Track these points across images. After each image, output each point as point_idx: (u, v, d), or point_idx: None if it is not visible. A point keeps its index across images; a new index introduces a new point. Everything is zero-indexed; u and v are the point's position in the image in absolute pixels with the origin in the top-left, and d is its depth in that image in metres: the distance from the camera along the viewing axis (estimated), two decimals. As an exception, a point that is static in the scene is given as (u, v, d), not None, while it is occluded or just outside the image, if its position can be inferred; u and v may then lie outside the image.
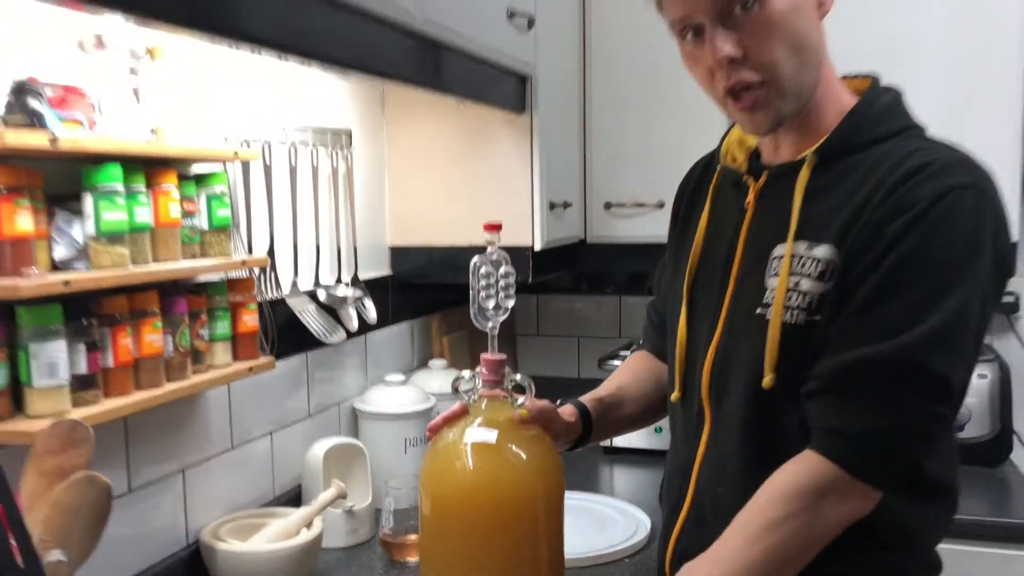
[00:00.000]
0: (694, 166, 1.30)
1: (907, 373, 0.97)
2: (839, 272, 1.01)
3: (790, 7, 1.02)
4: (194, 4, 0.93)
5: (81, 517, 1.00)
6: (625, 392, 1.36)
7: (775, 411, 1.06)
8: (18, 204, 1.05)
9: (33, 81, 1.08)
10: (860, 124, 1.08)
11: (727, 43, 1.01)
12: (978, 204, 0.99)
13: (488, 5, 1.63)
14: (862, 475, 0.99)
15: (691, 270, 1.18)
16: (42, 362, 1.06)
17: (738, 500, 1.07)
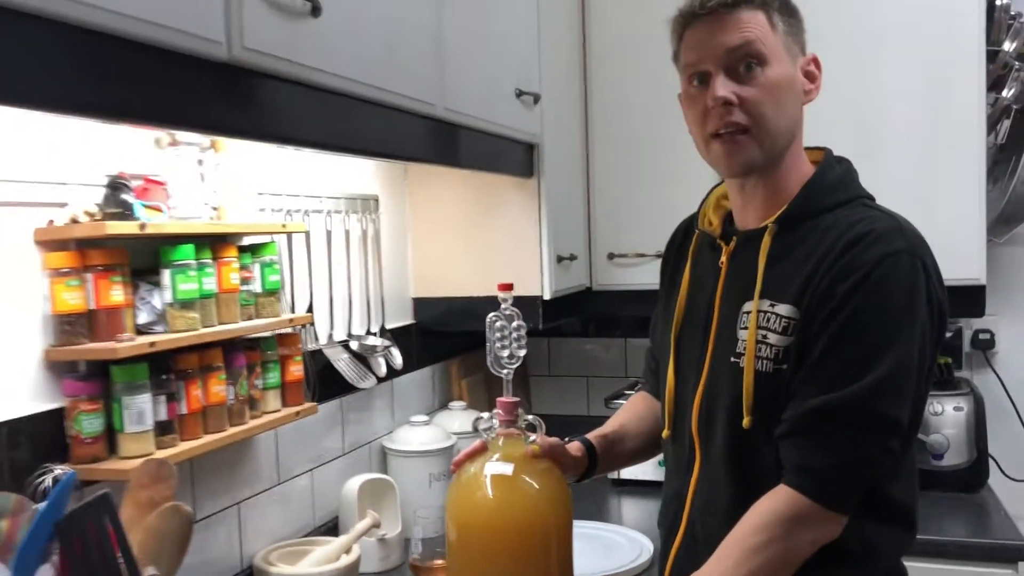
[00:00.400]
0: (676, 230, 1.48)
1: (859, 416, 1.13)
2: (799, 328, 1.18)
3: (784, 79, 1.22)
4: (262, 120, 1.15)
5: (169, 540, 1.20)
6: (627, 429, 1.51)
7: (754, 447, 1.21)
8: (112, 280, 1.27)
9: (122, 176, 1.30)
10: (813, 195, 1.24)
11: (726, 89, 1.20)
12: (912, 265, 1.15)
13: (498, 88, 1.85)
14: (828, 504, 1.13)
15: (677, 323, 1.35)
16: (132, 411, 1.27)
17: (725, 527, 1.21)
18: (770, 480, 1.19)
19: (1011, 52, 2.29)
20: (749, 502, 1.20)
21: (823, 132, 2.28)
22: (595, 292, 2.51)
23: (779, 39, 1.22)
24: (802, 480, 1.14)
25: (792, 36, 1.26)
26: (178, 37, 0.97)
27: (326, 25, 1.20)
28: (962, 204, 2.20)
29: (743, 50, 1.19)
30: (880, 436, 1.14)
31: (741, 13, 1.20)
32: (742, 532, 1.16)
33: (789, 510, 1.14)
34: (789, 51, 1.24)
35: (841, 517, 1.15)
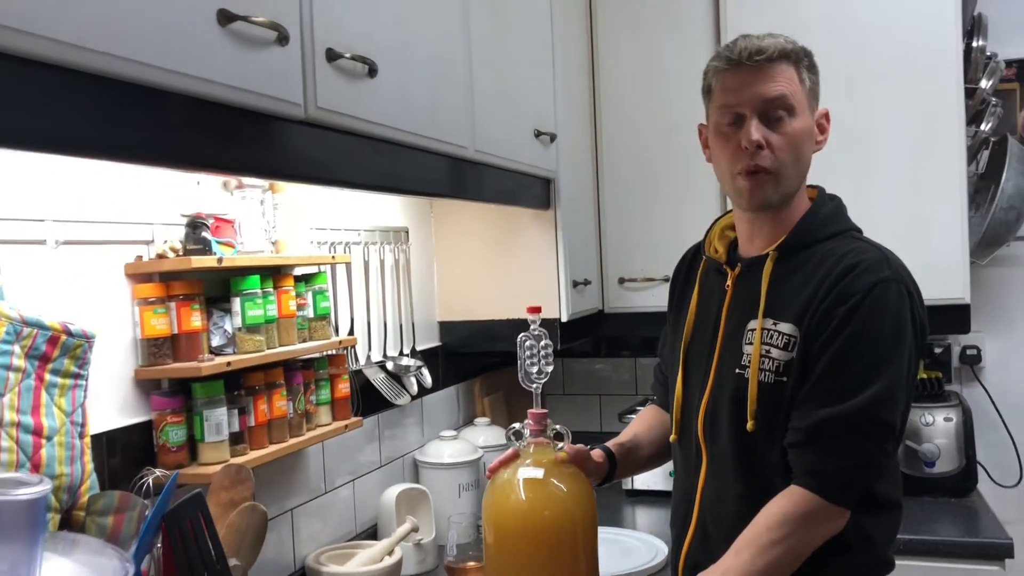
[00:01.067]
0: (683, 257, 1.64)
1: (863, 424, 1.29)
2: (799, 345, 1.34)
3: (805, 130, 1.39)
4: (330, 167, 1.33)
5: (248, 535, 1.36)
6: (640, 438, 1.67)
7: (758, 448, 1.38)
8: (192, 308, 1.44)
9: (200, 216, 1.48)
10: (809, 228, 1.42)
11: (759, 133, 1.36)
12: (899, 292, 1.32)
13: (519, 130, 2.03)
14: (837, 501, 1.29)
15: (686, 339, 1.51)
16: (211, 423, 1.44)
17: (736, 518, 1.38)
18: (772, 476, 1.35)
19: (987, 89, 2.48)
20: (756, 495, 1.36)
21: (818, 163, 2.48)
22: (607, 314, 2.69)
23: (804, 94, 1.39)
24: (814, 481, 1.29)
25: (814, 92, 1.42)
26: (264, 101, 1.15)
27: (380, 85, 1.38)
28: (946, 229, 2.37)
29: (779, 102, 1.36)
30: (879, 440, 1.30)
31: (778, 67, 1.37)
32: (758, 529, 1.31)
33: (802, 508, 1.29)
34: (811, 105, 1.41)
35: (846, 512, 1.31)
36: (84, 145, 0.92)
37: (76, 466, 1.20)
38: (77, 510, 1.21)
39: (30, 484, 0.95)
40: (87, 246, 1.36)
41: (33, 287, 1.26)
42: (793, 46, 1.39)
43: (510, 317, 2.38)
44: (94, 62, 0.89)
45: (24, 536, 0.94)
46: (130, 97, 0.95)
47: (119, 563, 1.05)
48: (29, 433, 1.14)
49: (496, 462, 1.52)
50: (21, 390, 1.14)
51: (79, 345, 1.22)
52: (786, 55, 1.37)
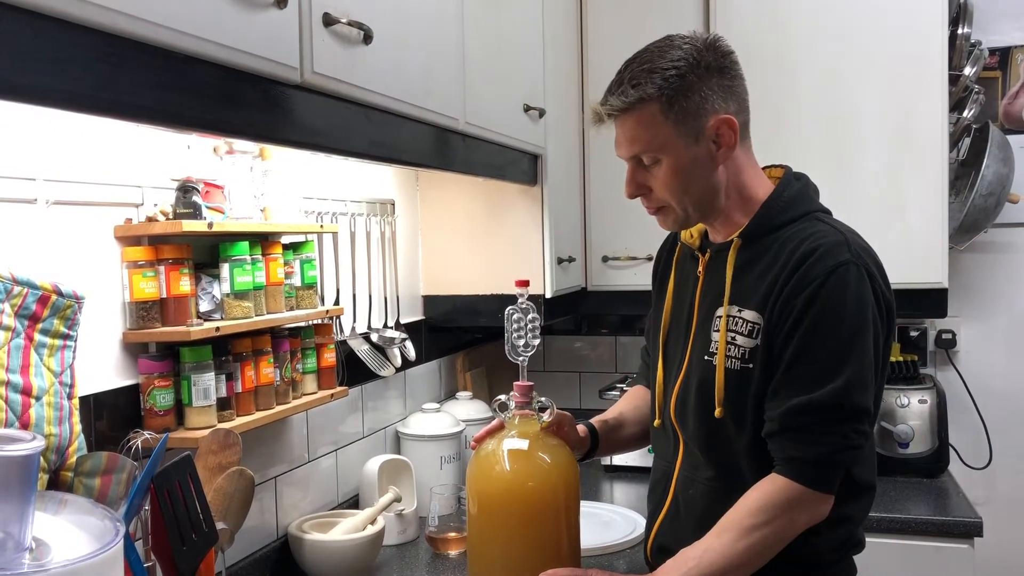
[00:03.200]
0: (665, 239, 1.64)
1: (836, 409, 1.29)
2: (763, 331, 1.34)
3: (682, 165, 1.35)
4: (323, 133, 1.32)
5: (235, 499, 1.37)
6: (625, 417, 1.69)
7: (726, 433, 1.39)
8: (181, 272, 1.44)
9: (189, 180, 1.47)
10: (771, 212, 1.40)
11: (630, 185, 1.41)
12: (859, 274, 1.31)
13: (509, 103, 2.03)
14: (819, 487, 1.30)
15: (665, 324, 1.53)
16: (199, 388, 1.44)
17: (705, 501, 1.41)
18: (740, 460, 1.38)
19: (971, 76, 2.51)
20: (725, 479, 1.39)
21: (801, 148, 2.52)
22: (590, 292, 2.71)
23: (671, 128, 1.34)
24: (795, 469, 1.30)
25: (691, 116, 1.33)
26: (262, 63, 1.14)
27: (375, 52, 1.38)
28: (926, 214, 2.41)
29: (635, 157, 1.39)
30: (854, 423, 1.31)
31: (631, 119, 1.36)
32: (739, 514, 1.32)
33: (784, 496, 1.30)
34: (686, 135, 1.34)
35: (830, 497, 1.32)
36: (78, 100, 0.91)
37: (65, 427, 1.20)
38: (65, 471, 1.20)
39: (23, 440, 0.95)
40: (77, 207, 1.35)
41: (23, 246, 1.24)
42: (644, 89, 1.33)
43: (494, 292, 2.39)
44: (95, 16, 0.88)
45: (17, 493, 0.93)
46: (128, 53, 0.94)
47: (110, 523, 1.05)
48: (18, 392, 1.14)
49: (483, 431, 1.54)
50: (11, 349, 1.14)
51: (69, 306, 1.21)
52: (635, 104, 1.34)
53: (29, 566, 0.93)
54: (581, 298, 2.68)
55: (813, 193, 1.46)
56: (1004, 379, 2.80)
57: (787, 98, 2.46)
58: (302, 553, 1.77)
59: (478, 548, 1.53)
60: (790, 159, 1.54)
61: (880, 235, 2.37)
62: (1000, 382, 2.80)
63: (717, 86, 1.35)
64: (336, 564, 1.76)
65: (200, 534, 1.24)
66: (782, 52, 2.48)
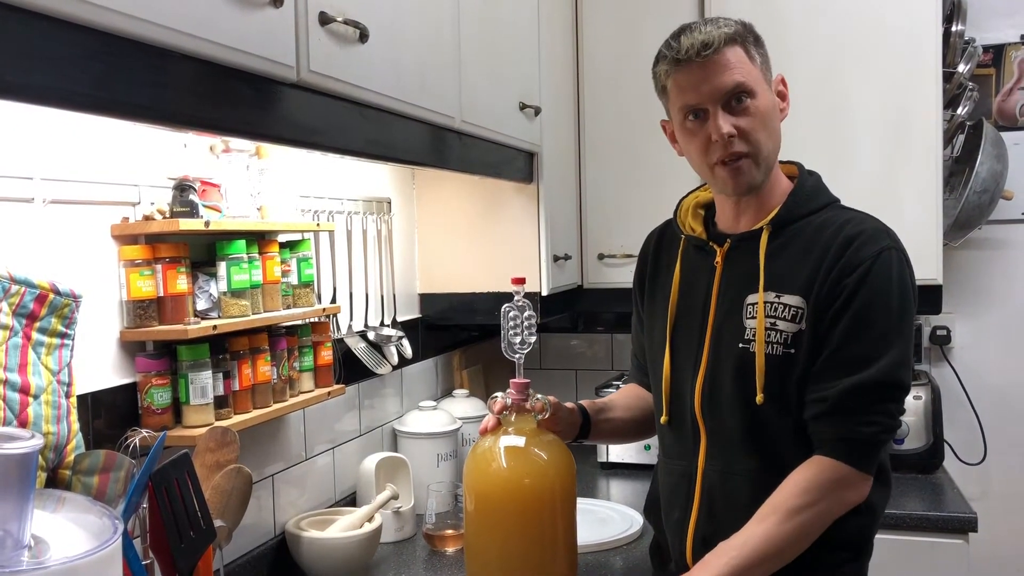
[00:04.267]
0: (647, 240, 1.64)
1: (885, 389, 1.31)
2: (807, 316, 1.35)
3: (769, 105, 1.40)
4: (320, 132, 1.33)
5: (233, 497, 1.37)
6: (615, 403, 1.68)
7: (766, 421, 1.37)
8: (178, 271, 1.44)
9: (186, 179, 1.47)
10: (799, 201, 1.43)
11: (727, 123, 1.36)
12: (900, 259, 1.36)
13: (505, 102, 2.04)
14: (863, 467, 1.32)
15: (671, 320, 1.50)
16: (197, 386, 1.44)
17: (747, 492, 1.38)
18: (785, 448, 1.37)
19: (965, 73, 2.52)
20: (769, 468, 1.37)
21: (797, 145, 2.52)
22: (586, 289, 2.71)
23: (758, 70, 1.39)
24: (844, 448, 1.32)
25: (766, 64, 1.42)
26: (258, 62, 1.14)
27: (371, 50, 1.38)
28: (921, 211, 2.41)
29: (737, 89, 1.36)
30: (898, 403, 1.34)
31: (726, 54, 1.36)
32: (783, 496, 1.32)
33: (830, 475, 1.31)
34: (766, 78, 1.42)
35: (870, 478, 1.34)
36: (74, 99, 0.91)
37: (63, 425, 1.20)
38: (63, 469, 1.21)
39: (21, 439, 0.95)
40: (75, 206, 1.35)
41: (21, 245, 1.25)
42: (735, 28, 1.38)
43: (490, 290, 2.40)
44: (91, 15, 0.89)
45: (15, 491, 0.93)
46: (124, 52, 0.95)
47: (108, 520, 1.05)
48: (16, 391, 1.14)
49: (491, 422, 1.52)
50: (8, 347, 1.14)
51: (67, 304, 1.21)
52: (732, 39, 1.36)
53: (28, 564, 0.93)
54: (577, 296, 2.68)
55: (826, 186, 1.50)
56: (998, 375, 2.81)
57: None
58: (299, 550, 1.77)
59: (475, 545, 1.53)
60: (784, 155, 1.54)
61: None
62: (994, 378, 2.81)
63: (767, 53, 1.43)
64: (333, 561, 1.76)
65: (198, 532, 1.25)
66: (776, 50, 2.43)
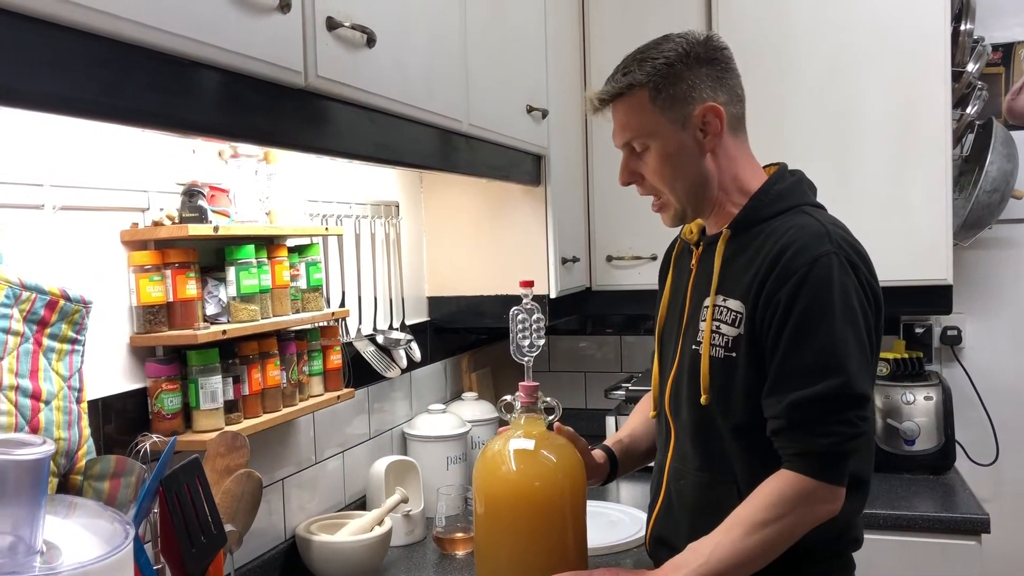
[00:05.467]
0: (672, 241, 1.65)
1: (837, 400, 1.29)
2: (745, 321, 1.35)
3: (671, 150, 1.40)
4: (328, 137, 1.33)
5: (243, 501, 1.37)
6: (638, 432, 1.69)
7: (712, 421, 1.40)
8: (187, 276, 1.44)
9: (195, 184, 1.47)
10: (760, 205, 1.41)
11: (623, 173, 1.46)
12: (840, 264, 1.31)
13: (512, 105, 2.04)
14: (832, 480, 1.29)
15: (661, 318, 1.56)
16: (207, 391, 1.44)
17: (695, 490, 1.42)
18: (728, 449, 1.38)
19: (974, 73, 2.50)
20: (713, 468, 1.40)
21: (803, 146, 2.51)
22: (594, 292, 2.71)
23: (660, 115, 1.38)
24: (804, 463, 1.30)
25: (678, 102, 1.38)
26: (266, 68, 1.15)
27: (378, 55, 1.38)
28: (930, 211, 2.41)
29: (627, 144, 1.43)
30: (857, 410, 1.31)
31: (619, 108, 1.42)
32: (750, 509, 1.31)
33: (796, 489, 1.30)
34: (675, 121, 1.39)
35: (842, 490, 1.31)
36: (82, 106, 0.92)
37: (74, 431, 1.21)
38: (74, 474, 1.21)
39: (33, 445, 0.95)
40: (84, 212, 1.36)
41: (31, 252, 1.25)
42: (634, 76, 1.38)
43: (499, 293, 2.40)
44: (100, 23, 0.89)
45: (27, 496, 0.94)
46: (132, 58, 0.95)
47: (119, 525, 1.05)
48: (28, 397, 1.14)
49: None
50: (20, 354, 1.14)
51: (77, 311, 1.22)
52: (629, 88, 1.39)
53: (40, 569, 0.93)
54: (585, 298, 2.68)
55: (807, 188, 1.47)
56: (1010, 375, 2.80)
57: (789, 96, 2.47)
58: (310, 554, 1.77)
59: (485, 548, 1.53)
60: (792, 157, 1.54)
61: (884, 232, 2.39)
62: (1006, 378, 2.79)
63: (706, 75, 1.39)
64: (344, 565, 1.77)
65: (209, 536, 1.25)
66: (784, 50, 2.48)
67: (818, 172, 1.52)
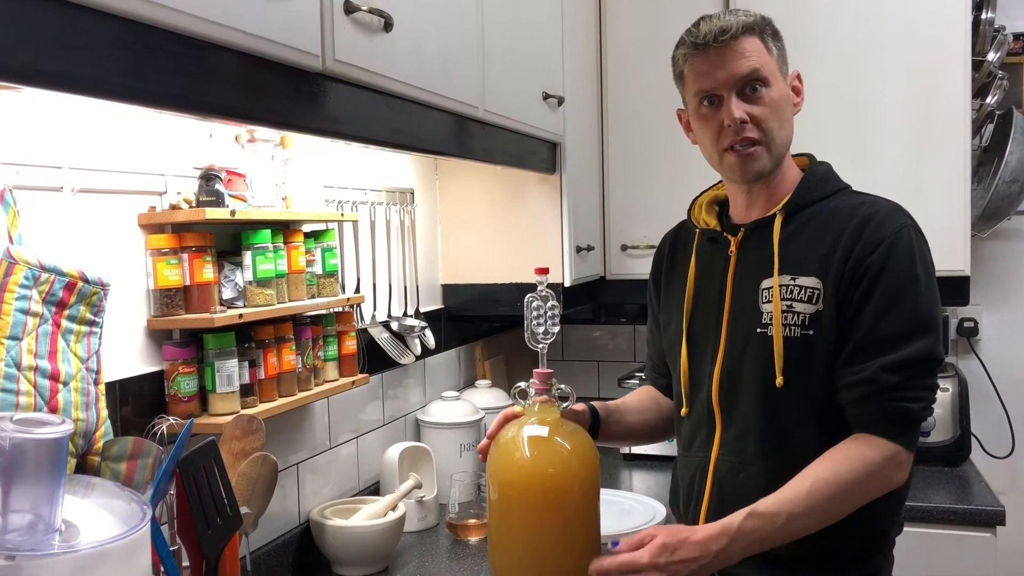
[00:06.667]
0: (662, 240, 1.64)
1: (925, 363, 1.30)
2: (824, 297, 1.35)
3: (783, 96, 1.41)
4: (345, 121, 1.33)
5: (259, 484, 1.38)
6: (627, 405, 1.67)
7: (783, 405, 1.37)
8: (204, 260, 1.45)
9: (212, 168, 1.48)
10: (810, 187, 1.43)
11: (740, 109, 1.38)
12: (918, 235, 1.37)
13: (528, 92, 2.03)
14: (910, 445, 1.31)
15: (687, 312, 1.51)
16: (223, 375, 1.45)
17: (758, 482, 1.37)
18: (798, 437, 1.36)
19: (994, 62, 2.48)
20: (781, 458, 1.36)
21: (822, 135, 2.50)
22: (608, 281, 2.70)
23: (774, 62, 1.41)
24: (893, 428, 1.30)
25: (782, 57, 1.43)
26: (284, 51, 1.15)
27: (395, 39, 1.38)
28: (949, 201, 2.39)
29: (752, 76, 1.38)
30: (936, 376, 1.33)
31: (743, 42, 1.38)
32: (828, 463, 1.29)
33: (883, 455, 1.29)
34: (782, 71, 1.43)
35: (912, 456, 1.33)
36: (106, 88, 0.92)
37: (91, 412, 1.21)
38: (92, 455, 1.22)
39: (52, 424, 0.96)
40: (102, 195, 1.36)
41: (50, 234, 1.26)
42: (755, 18, 1.40)
43: (513, 281, 2.40)
44: (123, 4, 0.89)
45: (47, 476, 0.95)
46: (153, 41, 0.95)
47: (137, 506, 1.06)
48: (46, 378, 1.15)
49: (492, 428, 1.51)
50: (38, 335, 1.15)
51: (95, 292, 1.22)
52: (750, 28, 1.38)
53: (59, 547, 0.94)
54: (600, 287, 2.68)
55: (837, 174, 1.49)
56: (1027, 367, 2.78)
57: (806, 84, 2.43)
58: (324, 538, 1.78)
59: (498, 535, 1.53)
60: (808, 145, 1.54)
61: None
62: (1023, 371, 2.77)
63: (785, 47, 1.45)
64: (357, 549, 1.77)
65: (225, 518, 1.26)
66: (801, 36, 2.45)
67: (835, 161, 1.51)
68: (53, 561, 0.92)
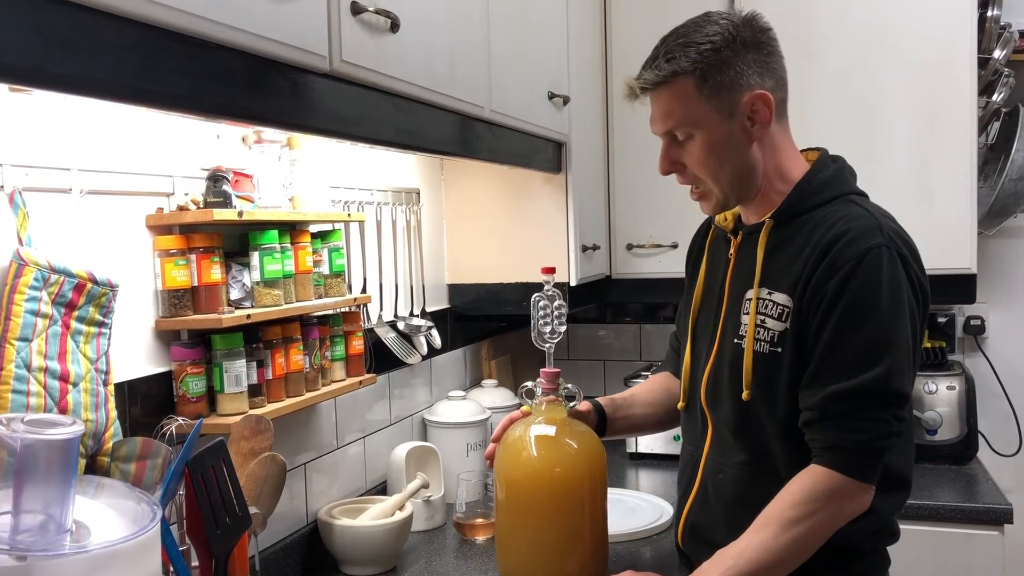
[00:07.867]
0: (699, 227, 1.63)
1: (874, 396, 1.26)
2: (792, 316, 1.31)
3: (716, 140, 1.34)
4: (352, 122, 1.33)
5: (267, 484, 1.38)
6: (636, 397, 1.68)
7: (755, 416, 1.36)
8: (212, 260, 1.45)
9: (219, 169, 1.48)
10: (804, 194, 1.37)
11: (664, 161, 1.40)
12: (891, 257, 1.28)
13: (534, 91, 2.03)
14: (862, 477, 1.26)
15: (695, 307, 1.51)
16: (231, 375, 1.45)
17: (736, 485, 1.39)
18: (773, 444, 1.35)
19: (1000, 59, 2.47)
20: (757, 462, 1.37)
21: (827, 133, 2.50)
22: (614, 280, 2.70)
23: (705, 104, 1.32)
24: (834, 458, 1.27)
25: (725, 91, 1.32)
26: (291, 52, 1.15)
27: (402, 40, 1.38)
28: (955, 199, 2.38)
29: (669, 132, 1.37)
30: (894, 408, 1.28)
31: (667, 90, 1.34)
32: (779, 507, 1.28)
33: (825, 485, 1.27)
34: (721, 110, 1.33)
35: (871, 488, 1.28)
36: (114, 89, 0.92)
37: (101, 412, 1.22)
38: (101, 456, 1.23)
39: (63, 425, 0.97)
40: (111, 196, 1.37)
41: (59, 235, 1.26)
42: (678, 63, 1.32)
43: (518, 281, 2.40)
44: (131, 6, 0.89)
45: (58, 476, 0.95)
46: (161, 42, 0.96)
47: (146, 506, 1.07)
48: (56, 379, 1.16)
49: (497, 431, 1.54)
50: (48, 336, 1.16)
51: (104, 294, 1.23)
52: (675, 75, 1.32)
53: (70, 547, 0.95)
54: (605, 286, 2.68)
55: (849, 175, 1.43)
56: (1034, 365, 2.77)
57: (813, 82, 2.44)
58: (332, 538, 1.78)
59: (505, 534, 1.54)
60: (814, 142, 1.52)
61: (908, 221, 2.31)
62: (1030, 368, 2.77)
63: (753, 61, 1.33)
64: (365, 549, 1.78)
65: (234, 518, 1.26)
66: (808, 34, 2.46)
67: (840, 158, 1.51)
68: (64, 561, 0.93)
